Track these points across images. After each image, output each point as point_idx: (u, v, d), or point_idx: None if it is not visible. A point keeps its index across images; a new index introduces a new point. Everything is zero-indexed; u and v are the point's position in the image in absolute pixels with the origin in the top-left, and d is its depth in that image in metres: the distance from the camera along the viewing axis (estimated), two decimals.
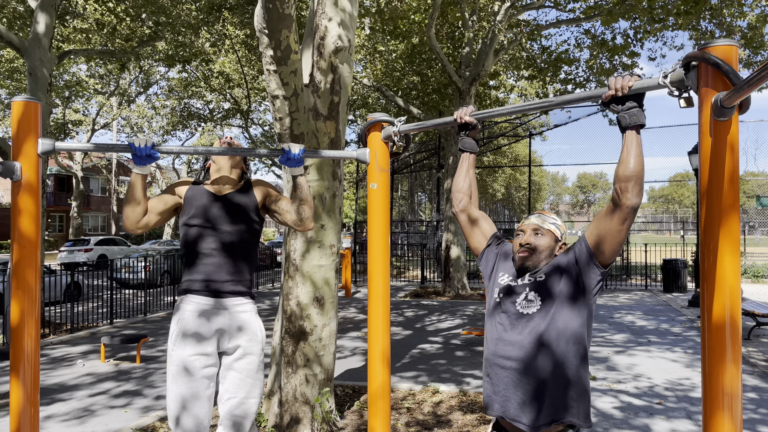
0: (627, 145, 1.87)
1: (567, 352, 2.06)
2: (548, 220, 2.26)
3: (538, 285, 2.15)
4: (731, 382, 1.58)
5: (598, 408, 5.56)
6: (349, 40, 4.99)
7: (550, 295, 2.11)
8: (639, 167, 1.86)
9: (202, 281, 2.58)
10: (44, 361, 7.90)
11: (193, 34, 13.08)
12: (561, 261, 2.17)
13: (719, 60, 1.55)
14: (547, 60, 15.84)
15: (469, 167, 2.40)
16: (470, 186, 2.41)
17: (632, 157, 1.86)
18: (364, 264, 22.32)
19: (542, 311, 2.10)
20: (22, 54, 10.11)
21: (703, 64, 1.61)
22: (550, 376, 2.05)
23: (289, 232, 5.10)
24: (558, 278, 2.13)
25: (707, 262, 1.62)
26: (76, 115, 26.19)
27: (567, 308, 2.09)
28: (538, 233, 2.23)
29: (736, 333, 1.59)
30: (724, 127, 1.58)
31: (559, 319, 2.08)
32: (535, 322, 2.10)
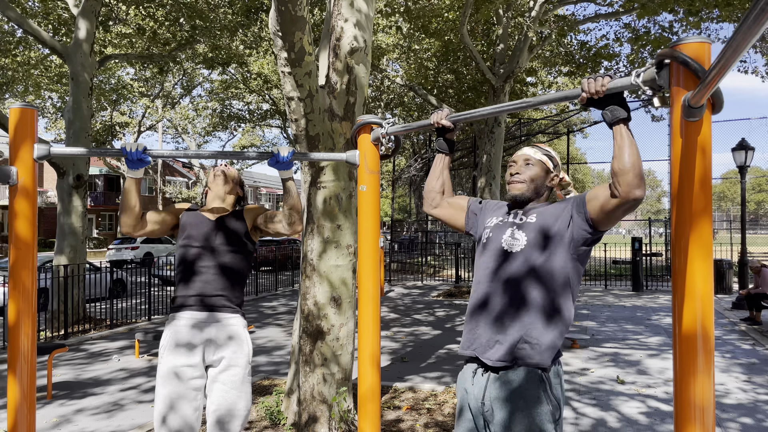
0: (617, 141, 1.84)
1: (545, 292, 2.08)
2: (540, 151, 2.29)
3: (526, 225, 2.18)
4: (703, 393, 1.52)
5: (623, 413, 5.42)
6: (365, 40, 4.99)
7: (536, 236, 2.13)
8: (633, 159, 1.82)
9: (197, 296, 2.70)
10: (82, 356, 8.18)
11: (228, 36, 13.31)
12: (555, 208, 2.18)
13: (688, 58, 1.49)
14: (585, 55, 15.50)
15: (443, 168, 2.44)
16: (443, 185, 2.47)
17: (625, 151, 1.83)
18: (400, 263, 22.33)
19: (526, 251, 2.13)
20: (65, 59, 10.48)
21: (674, 62, 1.55)
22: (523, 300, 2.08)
23: (306, 233, 5.15)
24: (547, 223, 2.14)
25: (677, 268, 1.56)
26: (122, 117, 27.01)
27: (552, 252, 2.10)
28: (529, 164, 2.26)
29: (708, 343, 1.53)
30: (695, 128, 1.52)
31: (542, 258, 2.10)
32: (517, 260, 2.13)
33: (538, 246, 2.11)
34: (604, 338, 8.95)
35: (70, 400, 6.03)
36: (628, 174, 1.82)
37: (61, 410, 5.71)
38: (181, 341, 2.66)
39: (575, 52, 15.89)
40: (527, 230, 2.16)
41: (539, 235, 2.13)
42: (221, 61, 14.22)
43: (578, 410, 5.52)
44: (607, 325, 10.10)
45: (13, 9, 9.78)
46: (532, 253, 2.11)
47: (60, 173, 10.36)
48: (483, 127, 14.69)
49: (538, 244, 2.11)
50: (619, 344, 8.51)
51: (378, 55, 16.16)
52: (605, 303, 12.98)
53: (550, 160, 2.29)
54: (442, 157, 2.43)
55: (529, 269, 2.10)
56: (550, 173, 2.28)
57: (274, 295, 15.42)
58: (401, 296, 14.69)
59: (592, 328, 9.78)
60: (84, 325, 10.22)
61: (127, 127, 28.62)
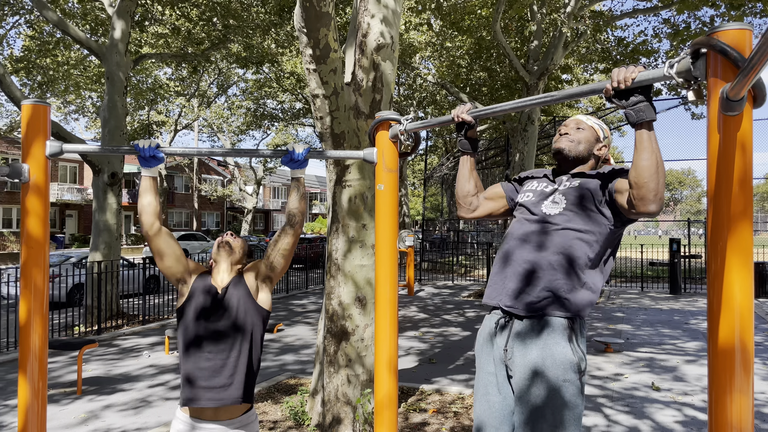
0: (637, 147, 1.71)
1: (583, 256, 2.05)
2: (593, 119, 2.30)
3: (568, 190, 2.16)
4: (740, 413, 1.39)
5: (658, 421, 5.22)
6: (391, 36, 4.90)
7: (575, 202, 2.11)
8: (651, 172, 1.69)
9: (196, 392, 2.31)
10: (114, 352, 8.30)
11: (261, 36, 13.37)
12: (594, 185, 2.14)
13: (726, 46, 1.36)
14: (623, 52, 15.11)
15: (471, 169, 2.36)
16: (476, 186, 2.39)
17: (644, 159, 1.69)
18: (431, 262, 22.17)
19: (564, 214, 2.11)
20: (101, 58, 10.66)
21: (711, 51, 1.42)
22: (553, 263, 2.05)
23: (331, 231, 5.09)
24: (590, 193, 2.11)
25: (713, 276, 1.42)
26: (159, 116, 27.48)
27: (588, 218, 2.08)
28: (580, 128, 2.26)
29: (747, 358, 1.39)
30: (734, 122, 1.39)
31: (578, 221, 2.08)
32: (554, 221, 2.11)
33: (577, 209, 2.10)
34: (639, 342, 8.68)
35: (99, 396, 6.09)
36: (643, 188, 1.73)
37: (89, 406, 5.77)
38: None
39: (612, 48, 15.50)
40: (567, 195, 2.15)
41: (577, 199, 2.11)
42: (255, 61, 14.30)
43: (611, 417, 5.33)
44: (643, 329, 9.80)
45: (51, 9, 9.98)
46: (569, 215, 2.10)
47: (95, 171, 10.54)
48: (516, 126, 14.45)
49: (577, 208, 2.10)
50: (655, 349, 8.24)
51: (410, 53, 16.04)
52: (641, 306, 12.63)
53: (601, 129, 2.29)
54: (467, 158, 2.35)
55: (563, 231, 2.08)
56: (599, 141, 2.27)
57: (304, 292, 15.46)
58: (431, 296, 14.56)
59: (627, 332, 9.51)
60: (117, 321, 10.38)
61: (164, 126, 29.11)
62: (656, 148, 1.69)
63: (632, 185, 1.75)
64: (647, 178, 1.70)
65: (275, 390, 6.20)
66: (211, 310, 2.37)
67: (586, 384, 6.43)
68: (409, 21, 14.59)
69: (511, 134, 14.98)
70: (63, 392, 6.22)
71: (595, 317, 11.02)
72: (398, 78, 21.76)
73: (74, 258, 13.49)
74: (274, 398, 5.89)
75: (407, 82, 21.10)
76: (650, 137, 1.68)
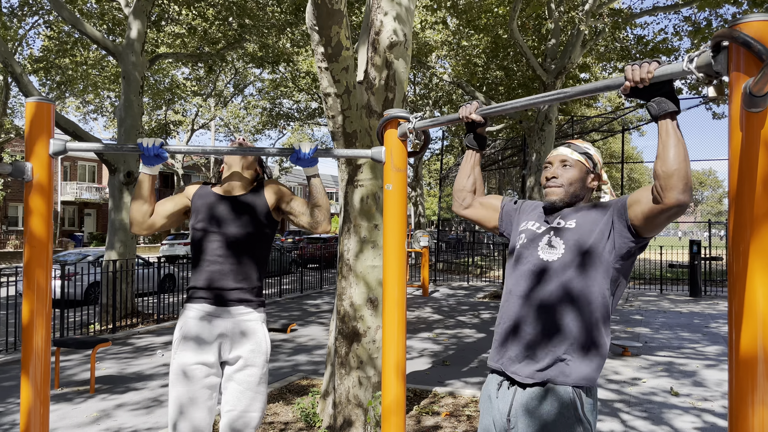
0: (662, 137, 1.62)
1: (586, 313, 1.89)
2: (578, 150, 2.09)
3: (564, 231, 1.99)
4: (763, 428, 1.31)
5: (677, 427, 5.10)
6: (405, 34, 4.84)
7: (575, 244, 1.94)
8: (679, 159, 1.60)
9: (206, 289, 2.50)
10: (128, 350, 8.33)
11: (276, 35, 13.37)
12: (596, 213, 1.98)
13: (750, 38, 1.28)
14: (642, 50, 14.91)
15: (474, 165, 2.27)
16: (474, 184, 2.30)
17: (670, 150, 1.61)
18: (447, 262, 22.06)
19: (564, 259, 1.94)
20: (117, 58, 10.73)
21: (733, 43, 1.34)
22: (563, 336, 1.89)
23: (342, 231, 5.04)
24: (588, 230, 1.95)
25: (735, 280, 1.35)
26: (176, 116, 27.67)
27: (592, 265, 1.91)
28: (566, 165, 2.07)
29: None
30: (757, 119, 1.31)
31: (581, 273, 1.91)
32: (554, 274, 1.94)
33: (577, 256, 1.93)
34: (657, 346, 8.53)
35: (112, 395, 6.10)
36: (671, 177, 1.61)
37: (102, 405, 5.78)
38: (189, 334, 2.50)
39: (632, 47, 15.30)
40: (565, 237, 1.98)
41: (578, 243, 1.94)
42: (270, 60, 14.31)
43: (627, 423, 5.22)
44: (662, 332, 9.63)
45: (67, 9, 10.05)
46: (570, 265, 1.93)
47: (111, 170, 10.61)
48: (533, 125, 14.30)
49: (577, 254, 1.93)
50: (674, 353, 8.09)
51: (426, 52, 15.96)
52: (660, 308, 12.43)
53: (588, 159, 2.08)
54: (472, 153, 2.27)
55: (565, 288, 1.91)
56: (590, 174, 2.08)
57: (318, 292, 15.44)
58: (446, 297, 14.47)
59: (645, 335, 9.35)
60: (132, 320, 10.43)
61: (181, 126, 29.31)
62: (681, 138, 1.61)
63: (658, 176, 1.64)
64: (676, 165, 1.59)
65: (287, 391, 6.17)
66: (222, 215, 2.52)
67: (602, 388, 6.31)
68: (425, 20, 14.51)
69: (528, 134, 14.83)
70: (76, 391, 6.24)
71: (612, 320, 10.86)
72: (414, 77, 21.69)
73: (91, 256, 13.60)
74: (286, 399, 5.85)
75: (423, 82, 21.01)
76: (674, 128, 1.60)
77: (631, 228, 1.87)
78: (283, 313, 11.88)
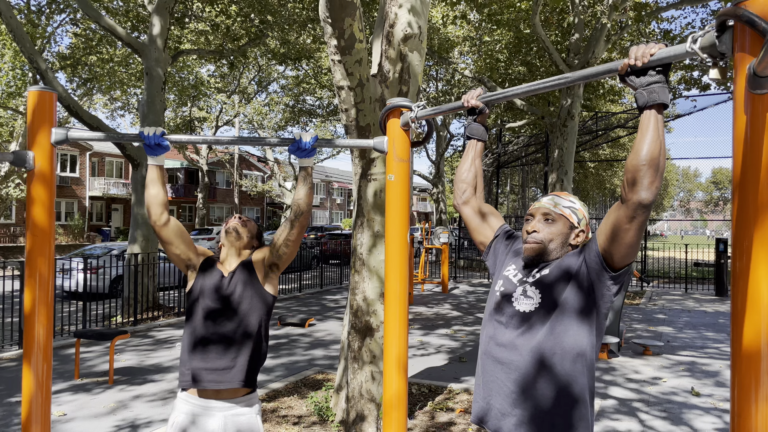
0: (642, 128, 1.54)
1: (572, 371, 1.78)
2: (562, 203, 1.96)
3: (541, 282, 1.87)
4: (767, 425, 1.25)
5: (697, 428, 4.98)
6: (419, 27, 4.79)
7: (552, 297, 1.83)
8: (654, 154, 1.51)
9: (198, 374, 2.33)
10: (148, 343, 8.43)
11: (296, 31, 13.40)
12: (571, 262, 1.86)
13: (755, 16, 1.21)
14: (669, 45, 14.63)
15: (475, 156, 2.18)
16: (475, 177, 2.19)
17: (646, 143, 1.52)
18: (468, 260, 21.93)
19: (541, 312, 1.83)
20: (140, 54, 10.84)
21: (738, 22, 1.28)
22: (552, 397, 1.78)
23: (356, 226, 5.01)
24: (565, 281, 1.83)
25: (738, 273, 1.28)
26: (201, 112, 27.93)
27: (573, 318, 1.79)
28: (548, 219, 1.94)
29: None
30: (762, 102, 1.24)
31: (563, 331, 1.79)
32: (532, 323, 1.84)
33: (553, 306, 1.82)
34: (680, 345, 8.36)
35: (130, 386, 6.18)
36: (640, 171, 1.51)
37: (119, 396, 5.85)
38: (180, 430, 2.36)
39: (658, 41, 15.02)
40: (541, 286, 1.87)
41: (555, 291, 1.83)
42: (292, 57, 14.35)
43: (646, 422, 5.12)
44: (685, 332, 9.44)
45: (91, 6, 10.19)
46: (546, 315, 1.82)
47: (134, 165, 10.74)
48: (555, 121, 14.12)
49: (553, 304, 1.82)
50: (697, 352, 7.92)
51: (447, 47, 15.86)
52: (684, 308, 12.19)
53: (574, 213, 1.95)
54: (473, 143, 2.18)
55: (542, 337, 1.81)
56: (574, 229, 1.95)
57: (338, 288, 15.47)
58: (466, 294, 14.38)
59: (668, 334, 9.17)
60: (154, 312, 10.56)
61: (206, 122, 29.59)
62: (662, 134, 1.52)
63: (628, 170, 1.55)
64: (647, 162, 1.51)
65: (302, 384, 6.18)
66: (216, 293, 2.40)
67: (620, 387, 6.20)
68: (446, 15, 14.41)
69: (551, 130, 14.65)
70: (95, 381, 6.33)
71: (634, 318, 10.68)
72: (436, 73, 21.58)
73: (116, 250, 13.80)
74: (301, 393, 5.86)
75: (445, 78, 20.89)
76: (657, 120, 1.52)
77: (603, 261, 1.75)
78: (302, 308, 11.92)
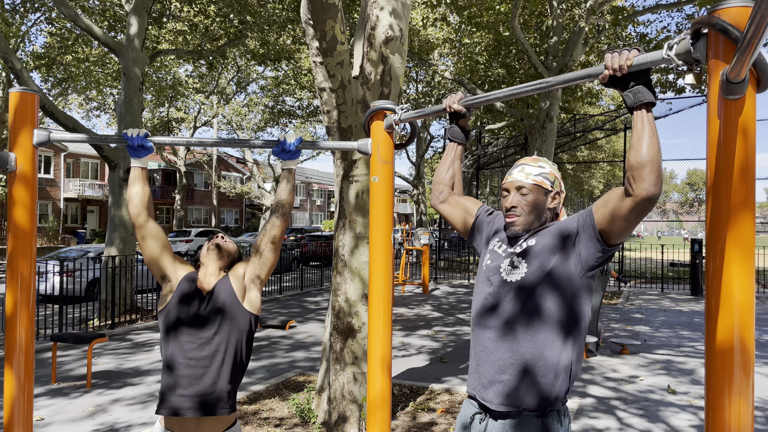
0: (637, 128, 1.61)
1: (552, 331, 1.87)
2: (533, 173, 2.02)
3: (527, 252, 1.96)
4: (739, 419, 1.29)
5: (672, 425, 5.08)
6: (401, 29, 4.82)
7: (539, 263, 1.91)
8: (653, 151, 1.59)
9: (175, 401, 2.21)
10: (126, 346, 8.34)
11: (276, 32, 13.36)
12: (559, 228, 1.95)
13: (728, 24, 1.26)
14: (646, 48, 14.87)
15: (454, 158, 2.25)
16: (453, 177, 2.26)
17: (644, 141, 1.60)
18: (448, 261, 22.04)
19: (528, 279, 1.91)
20: (117, 54, 10.73)
21: (711, 30, 1.33)
22: (530, 357, 1.87)
23: (338, 227, 5.02)
24: (552, 247, 1.92)
25: (712, 272, 1.33)
26: (179, 113, 27.68)
27: (558, 282, 1.88)
28: (523, 191, 2.01)
29: (747, 359, 1.30)
30: (735, 107, 1.29)
31: (547, 292, 1.88)
32: (517, 293, 1.92)
33: (540, 275, 1.89)
34: (657, 344, 8.50)
35: (109, 390, 6.11)
36: (644, 168, 1.60)
37: (98, 399, 5.78)
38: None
39: (634, 45, 15.25)
40: (528, 257, 1.94)
41: (541, 261, 1.91)
42: (272, 57, 14.30)
43: (623, 420, 5.20)
44: (662, 331, 9.60)
45: (67, 5, 10.05)
46: (534, 284, 1.90)
47: (111, 166, 10.62)
48: (534, 123, 14.27)
49: (540, 273, 1.90)
50: (673, 351, 8.06)
51: (428, 49, 15.94)
52: (661, 307, 12.39)
53: (545, 179, 2.02)
54: (454, 146, 2.25)
55: (529, 305, 1.89)
56: (549, 194, 2.03)
57: (319, 290, 15.44)
58: (446, 295, 14.45)
59: (645, 333, 9.32)
60: (131, 315, 10.44)
61: (183, 123, 29.32)
62: (654, 130, 1.60)
63: (631, 167, 1.63)
64: (648, 159, 1.58)
65: (283, 387, 6.17)
66: (195, 313, 2.26)
67: (599, 385, 6.29)
68: (426, 17, 14.48)
69: (530, 132, 14.80)
70: (73, 386, 6.25)
71: (612, 318, 10.83)
72: (416, 75, 21.65)
73: (92, 253, 13.62)
74: (282, 395, 5.85)
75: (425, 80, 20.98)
76: (649, 119, 1.59)
77: (598, 235, 1.82)
78: (282, 310, 11.88)
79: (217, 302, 2.28)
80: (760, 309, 12.22)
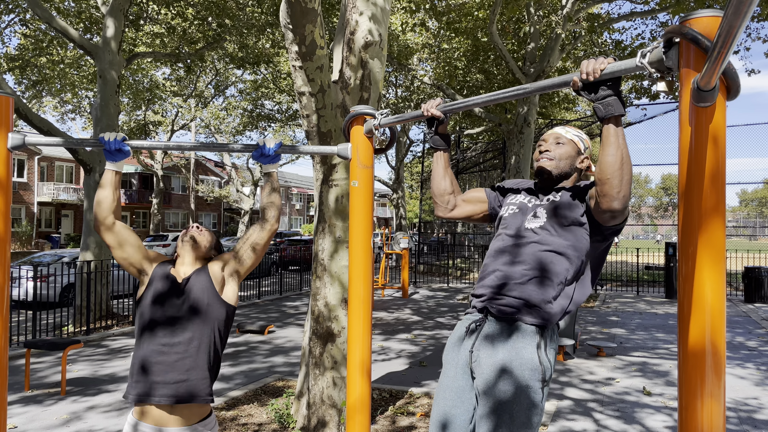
0: (604, 140, 1.67)
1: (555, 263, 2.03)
2: (571, 131, 2.23)
3: (551, 205, 2.13)
4: (711, 420, 1.32)
5: (648, 426, 5.15)
6: (380, 34, 4.84)
7: (554, 217, 2.08)
8: (616, 167, 1.65)
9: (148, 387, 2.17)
10: (102, 352, 8.22)
11: (255, 35, 13.31)
12: (579, 190, 2.10)
13: (698, 34, 1.30)
14: (620, 55, 15.10)
15: (445, 165, 2.31)
16: (451, 183, 2.33)
17: (608, 156, 1.65)
18: (428, 265, 22.11)
19: (544, 229, 2.08)
20: (93, 57, 10.59)
21: (683, 39, 1.36)
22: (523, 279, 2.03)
23: (317, 231, 5.02)
24: (569, 203, 2.08)
25: (684, 275, 1.36)
26: (156, 116, 27.41)
27: (567, 233, 2.05)
28: (560, 143, 2.19)
29: (719, 361, 1.33)
30: (706, 114, 1.33)
31: (558, 235, 2.05)
32: (535, 233, 2.09)
33: (555, 225, 2.07)
34: (632, 347, 8.62)
35: (84, 397, 6.01)
36: (605, 185, 1.69)
37: (73, 407, 5.69)
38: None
39: (609, 51, 15.49)
40: (548, 209, 2.12)
41: (560, 212, 2.08)
42: (251, 61, 14.23)
43: (600, 422, 5.26)
44: (637, 333, 9.74)
45: (42, 6, 9.91)
46: (549, 230, 2.08)
47: (87, 170, 10.47)
48: (512, 128, 14.40)
49: (555, 224, 2.08)
50: (649, 353, 8.18)
51: (407, 54, 16.00)
52: (636, 310, 12.57)
53: (581, 141, 2.22)
54: (440, 154, 2.30)
55: (540, 245, 2.06)
56: (580, 154, 2.21)
57: (298, 294, 15.37)
58: (426, 299, 14.49)
59: (621, 336, 9.44)
60: (107, 321, 10.29)
61: (161, 126, 29.04)
62: (623, 144, 1.64)
63: (597, 181, 1.72)
64: (610, 174, 1.66)
65: (262, 392, 6.13)
66: (169, 299, 2.25)
67: (576, 388, 6.36)
68: (405, 22, 14.55)
69: (508, 137, 14.93)
70: (47, 393, 6.14)
71: (589, 321, 10.96)
72: (395, 80, 21.73)
73: (67, 258, 13.40)
74: (261, 400, 5.81)
75: (405, 84, 21.05)
76: (617, 133, 1.63)
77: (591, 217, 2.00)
78: (261, 314, 11.80)
79: (192, 290, 2.27)
80: (731, 311, 12.45)
